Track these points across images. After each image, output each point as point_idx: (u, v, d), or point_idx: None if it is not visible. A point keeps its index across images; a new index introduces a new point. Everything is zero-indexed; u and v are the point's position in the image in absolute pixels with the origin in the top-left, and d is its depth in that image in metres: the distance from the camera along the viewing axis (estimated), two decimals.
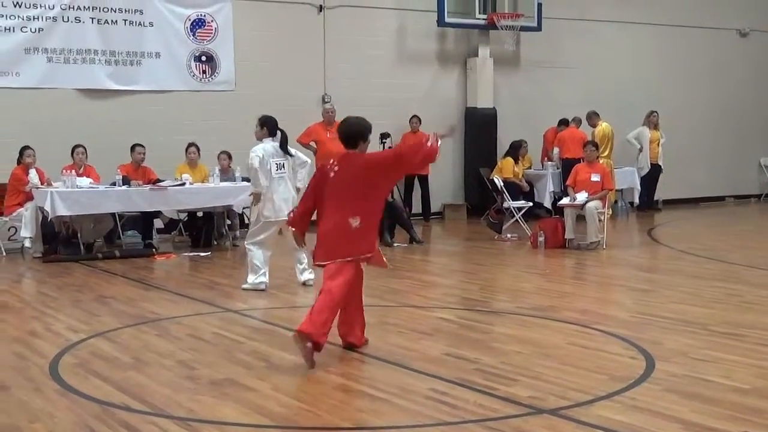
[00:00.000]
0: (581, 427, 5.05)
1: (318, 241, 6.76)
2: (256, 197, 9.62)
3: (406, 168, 7.24)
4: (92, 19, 14.28)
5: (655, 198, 18.66)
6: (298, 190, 9.62)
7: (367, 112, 16.56)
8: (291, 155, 9.76)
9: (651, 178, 18.25)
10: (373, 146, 15.37)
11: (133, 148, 13.31)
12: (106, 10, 14.36)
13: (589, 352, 6.82)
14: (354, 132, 6.95)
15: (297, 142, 14.99)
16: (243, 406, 5.53)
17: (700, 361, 6.45)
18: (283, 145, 9.67)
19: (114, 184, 12.66)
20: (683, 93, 19.81)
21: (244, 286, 9.72)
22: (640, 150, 18.11)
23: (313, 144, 15.10)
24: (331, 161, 6.91)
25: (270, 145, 9.60)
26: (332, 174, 6.77)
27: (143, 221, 13.28)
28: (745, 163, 20.94)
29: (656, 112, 18.25)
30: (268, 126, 9.68)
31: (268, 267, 9.68)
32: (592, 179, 12.97)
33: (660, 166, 18.28)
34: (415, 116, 16.41)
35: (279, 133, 9.67)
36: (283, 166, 9.65)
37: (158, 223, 13.87)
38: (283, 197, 9.59)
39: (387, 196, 6.99)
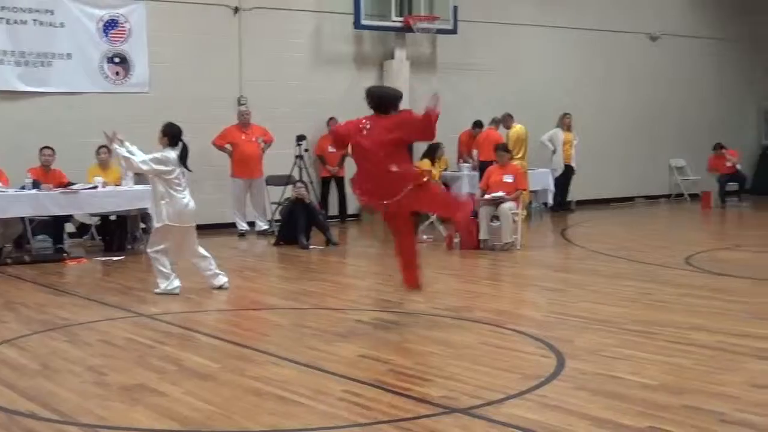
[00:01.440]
0: (493, 426, 5.10)
1: (362, 190, 7.67)
2: (111, 139, 9.68)
3: (419, 135, 7.88)
4: (1, 19, 13.94)
5: (569, 199, 18.93)
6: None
7: (284, 114, 16.63)
8: (189, 170, 9.69)
9: (564, 180, 18.52)
10: (289, 148, 15.47)
11: (40, 150, 13.04)
12: (15, 9, 14.03)
13: (502, 352, 6.89)
14: (386, 98, 7.66)
15: (212, 145, 14.89)
16: (154, 411, 5.46)
17: (610, 359, 6.55)
18: (182, 158, 9.56)
19: (23, 187, 12.38)
20: (597, 95, 20.15)
21: (157, 290, 9.60)
22: (554, 152, 18.37)
23: (228, 147, 14.99)
24: (363, 121, 7.58)
25: (174, 155, 9.50)
26: (365, 132, 7.48)
27: (54, 225, 13.01)
28: (656, 165, 21.38)
29: (569, 114, 18.52)
30: (170, 136, 9.56)
31: (174, 273, 9.61)
32: (504, 180, 13.11)
33: (573, 167, 18.56)
34: (332, 118, 16.34)
35: (180, 144, 9.59)
36: (184, 174, 9.63)
37: (69, 227, 13.60)
38: (188, 204, 9.53)
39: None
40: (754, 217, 18.27)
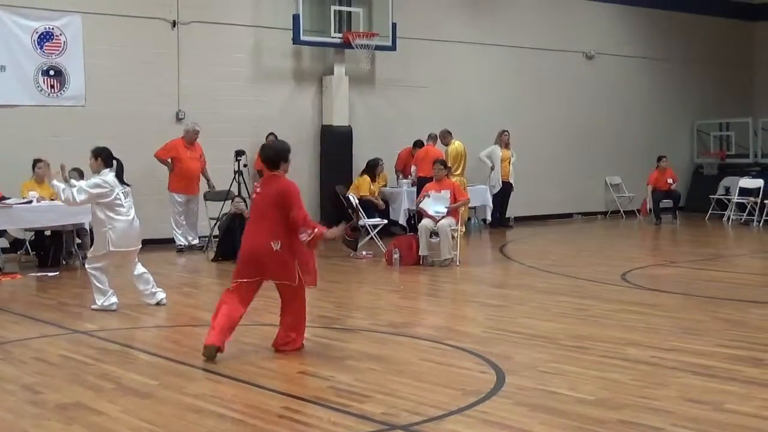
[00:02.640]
0: None
1: (241, 259, 7.38)
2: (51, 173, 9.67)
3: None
4: None
5: (507, 215, 19.09)
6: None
7: (223, 129, 16.50)
8: (128, 185, 9.60)
9: (503, 196, 18.67)
10: (228, 163, 15.35)
11: None
12: None
13: (442, 368, 6.92)
14: (276, 155, 7.45)
15: (155, 157, 14.71)
16: (91, 430, 5.39)
17: (548, 374, 6.63)
18: (119, 175, 9.50)
19: None
20: (534, 113, 20.36)
21: (93, 306, 9.49)
22: (492, 168, 18.51)
23: (169, 161, 14.83)
24: (257, 183, 7.55)
25: (112, 176, 9.43)
26: (255, 195, 7.40)
27: None
28: (592, 182, 21.65)
29: (507, 131, 18.69)
30: (103, 157, 9.48)
31: (111, 289, 9.53)
32: (442, 196, 13.17)
33: (511, 184, 18.72)
34: (271, 134, 16.33)
35: (115, 163, 9.53)
36: (129, 195, 9.56)
37: (3, 242, 13.37)
38: (132, 227, 9.50)
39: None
40: (687, 234, 18.58)
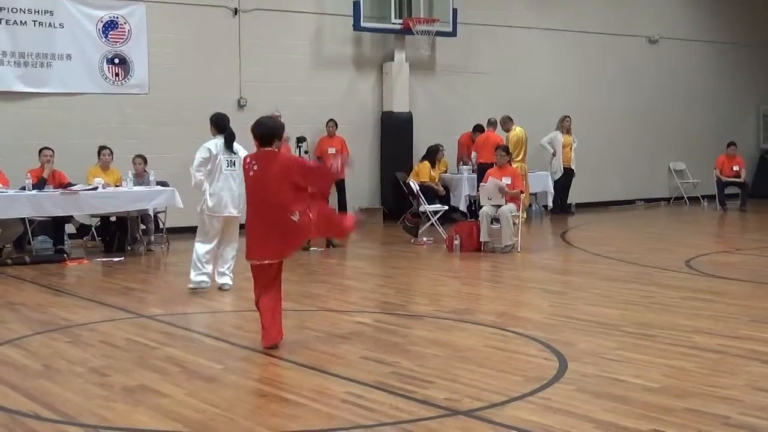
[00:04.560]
0: (495, 428, 5.10)
1: (254, 238, 7.08)
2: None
3: (309, 185, 7.18)
4: (0, 19, 13.95)
5: (569, 201, 18.93)
6: None
7: (284, 115, 16.57)
8: (234, 152, 9.73)
9: (564, 182, 18.52)
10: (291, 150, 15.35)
11: (40, 151, 13.01)
12: (14, 10, 14.04)
13: (505, 354, 6.89)
14: (270, 131, 7.18)
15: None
16: (157, 412, 5.45)
17: (612, 361, 6.55)
18: (228, 143, 9.66)
19: (23, 188, 12.36)
20: (596, 98, 20.17)
21: (189, 285, 9.71)
22: (554, 154, 18.37)
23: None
24: (249, 160, 7.19)
25: (221, 141, 9.65)
26: (252, 173, 7.06)
27: (54, 226, 13.00)
28: (656, 168, 21.39)
29: (569, 116, 18.52)
30: (214, 123, 9.76)
31: (211, 265, 9.72)
32: (503, 182, 13.10)
33: (573, 170, 18.56)
34: (331, 120, 16.41)
35: (227, 130, 9.70)
36: (234, 164, 9.67)
37: (70, 228, 13.59)
38: (230, 194, 9.68)
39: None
40: (753, 220, 18.26)
